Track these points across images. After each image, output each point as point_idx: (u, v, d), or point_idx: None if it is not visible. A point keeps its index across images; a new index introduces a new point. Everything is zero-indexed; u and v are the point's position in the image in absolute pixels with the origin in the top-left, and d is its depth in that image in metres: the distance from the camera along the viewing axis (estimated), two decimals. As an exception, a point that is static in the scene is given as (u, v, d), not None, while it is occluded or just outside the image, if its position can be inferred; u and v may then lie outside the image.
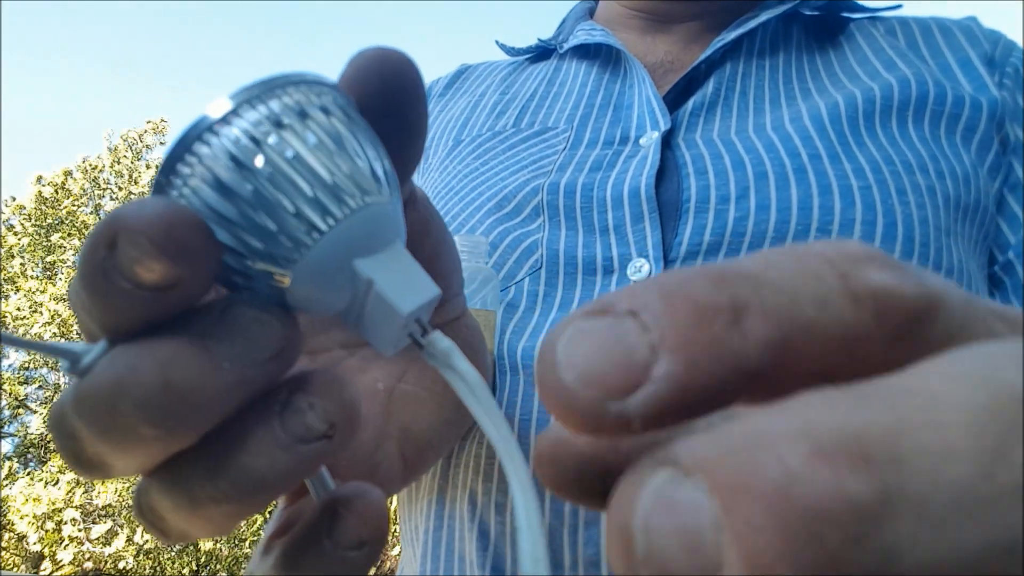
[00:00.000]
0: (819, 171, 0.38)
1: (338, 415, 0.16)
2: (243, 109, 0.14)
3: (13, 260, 9.18)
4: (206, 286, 0.15)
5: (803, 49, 0.48)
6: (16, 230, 9.42)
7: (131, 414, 0.13)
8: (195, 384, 0.13)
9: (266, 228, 0.14)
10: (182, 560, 7.55)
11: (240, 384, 0.14)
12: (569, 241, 0.41)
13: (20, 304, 8.64)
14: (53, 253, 9.38)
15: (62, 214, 9.60)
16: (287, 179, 0.14)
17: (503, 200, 0.43)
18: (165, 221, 0.13)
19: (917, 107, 0.42)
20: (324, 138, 0.15)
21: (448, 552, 0.38)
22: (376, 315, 0.16)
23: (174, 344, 0.14)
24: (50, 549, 7.26)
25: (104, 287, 0.14)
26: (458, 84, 0.58)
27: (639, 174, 0.41)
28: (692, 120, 0.45)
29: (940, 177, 0.40)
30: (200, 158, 0.14)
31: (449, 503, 0.39)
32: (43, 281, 8.95)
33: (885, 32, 0.49)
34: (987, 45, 0.46)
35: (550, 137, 0.47)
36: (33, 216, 9.51)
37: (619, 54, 0.50)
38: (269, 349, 0.15)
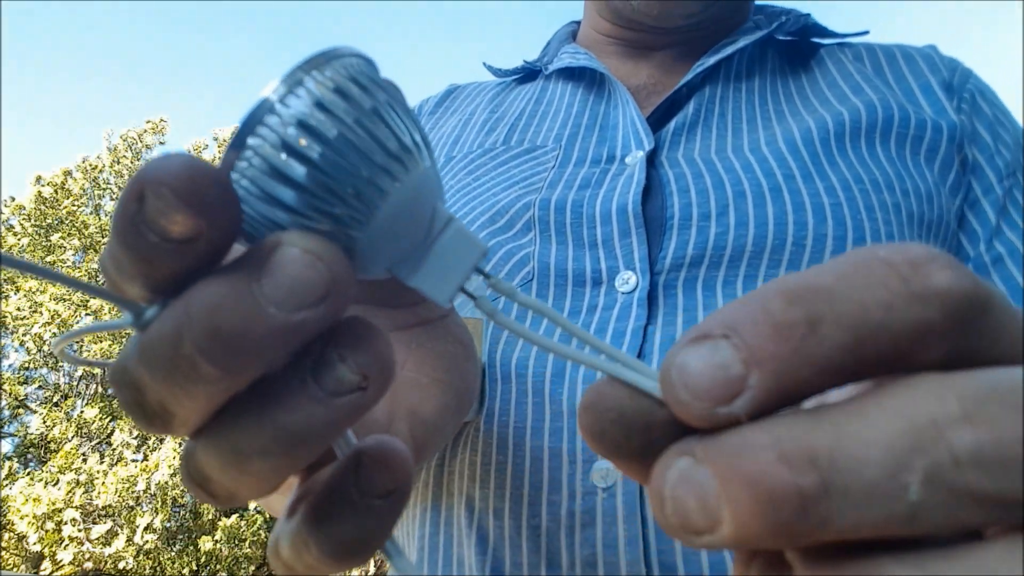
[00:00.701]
0: (793, 190, 0.41)
1: (371, 366, 0.16)
2: (305, 82, 0.15)
3: (13, 260, 9.18)
4: (230, 238, 0.15)
5: (777, 73, 0.52)
6: (16, 230, 9.43)
7: (191, 354, 0.14)
8: (242, 329, 0.14)
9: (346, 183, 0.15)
10: (182, 560, 7.56)
11: (287, 328, 0.14)
12: (560, 254, 0.42)
13: (20, 304, 8.65)
14: (53, 253, 9.40)
15: (62, 214, 9.61)
16: (363, 137, 0.15)
17: (496, 215, 0.45)
18: (187, 173, 0.13)
19: (884, 129, 0.45)
20: (382, 104, 0.16)
21: (446, 557, 0.39)
22: (442, 259, 0.16)
23: (223, 289, 0.14)
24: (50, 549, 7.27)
25: (135, 241, 0.14)
26: (447, 103, 0.60)
27: (626, 191, 0.43)
28: (674, 140, 0.47)
29: (905, 195, 0.42)
30: (270, 128, 0.15)
31: (445, 510, 0.40)
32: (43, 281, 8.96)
33: (853, 58, 0.52)
34: (946, 72, 0.50)
35: (539, 155, 0.49)
36: (33, 216, 9.53)
37: (603, 77, 0.52)
38: (316, 291, 0.14)
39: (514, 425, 0.39)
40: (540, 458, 0.38)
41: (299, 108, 0.15)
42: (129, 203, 0.14)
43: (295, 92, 0.15)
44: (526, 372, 0.40)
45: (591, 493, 0.36)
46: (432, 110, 0.60)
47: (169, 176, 0.13)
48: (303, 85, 0.15)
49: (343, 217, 0.15)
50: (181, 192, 0.13)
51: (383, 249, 0.16)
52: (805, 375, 0.12)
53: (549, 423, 0.38)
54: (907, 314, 0.12)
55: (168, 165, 0.14)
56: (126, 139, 10.58)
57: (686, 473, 0.12)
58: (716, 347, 0.12)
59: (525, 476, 0.37)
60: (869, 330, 0.12)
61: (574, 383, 0.39)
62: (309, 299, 0.14)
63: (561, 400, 0.39)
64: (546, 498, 0.37)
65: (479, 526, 0.39)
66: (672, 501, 0.12)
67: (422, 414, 0.27)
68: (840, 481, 0.11)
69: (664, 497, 0.12)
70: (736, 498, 0.11)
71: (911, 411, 0.11)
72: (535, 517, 0.37)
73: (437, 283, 0.17)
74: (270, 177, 0.15)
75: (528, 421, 0.39)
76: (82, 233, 9.56)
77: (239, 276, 0.14)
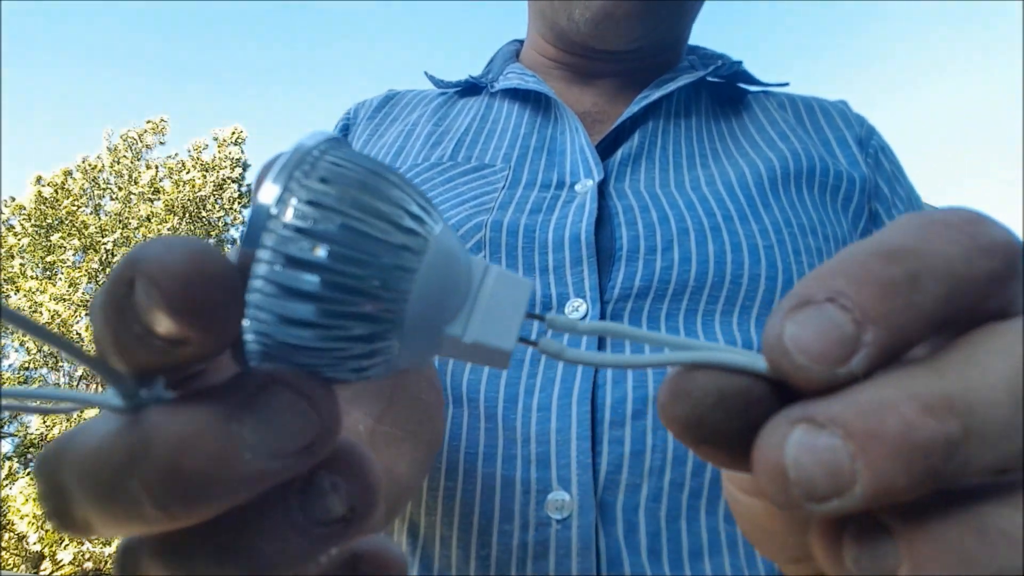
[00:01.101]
0: (731, 231, 0.44)
1: (360, 498, 0.15)
2: (293, 187, 0.13)
3: (13, 260, 9.21)
4: (222, 347, 0.13)
5: (711, 114, 0.55)
6: (16, 230, 9.44)
7: (136, 492, 0.12)
8: (208, 472, 0.12)
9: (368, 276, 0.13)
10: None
11: (260, 477, 0.13)
12: None
13: (20, 304, 8.66)
14: (53, 253, 9.41)
15: (62, 214, 9.62)
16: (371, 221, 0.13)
17: None
18: (183, 275, 0.12)
19: (808, 177, 0.49)
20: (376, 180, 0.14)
21: None
22: (493, 307, 0.16)
23: (194, 421, 0.13)
24: (50, 549, 7.28)
25: (119, 325, 0.13)
26: (387, 109, 0.60)
27: (579, 220, 0.44)
28: (621, 170, 0.49)
29: (826, 240, 0.46)
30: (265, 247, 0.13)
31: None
32: (43, 281, 8.98)
33: (777, 106, 0.56)
34: (857, 127, 0.55)
35: (488, 174, 0.49)
36: (33, 216, 9.53)
37: (551, 101, 0.53)
38: (300, 440, 0.13)
39: (465, 451, 0.38)
40: (492, 486, 0.37)
41: (291, 216, 0.13)
42: (118, 285, 0.12)
43: (282, 201, 0.13)
44: (478, 396, 0.39)
45: (545, 524, 0.36)
46: (371, 115, 0.59)
47: (163, 275, 0.12)
48: (286, 191, 0.13)
49: (376, 315, 0.14)
50: (172, 297, 0.12)
51: (430, 326, 0.15)
52: (912, 328, 0.12)
53: (503, 450, 0.38)
54: (981, 265, 0.12)
55: (166, 259, 0.12)
56: (126, 139, 10.58)
57: (807, 440, 0.12)
58: (823, 310, 0.12)
59: (476, 504, 0.37)
60: (957, 282, 0.12)
61: (528, 409, 0.39)
62: (292, 448, 0.13)
63: (515, 427, 0.38)
64: (497, 528, 0.36)
65: (423, 554, 0.38)
66: (796, 471, 0.12)
67: (396, 473, 0.27)
68: (978, 423, 0.11)
69: (786, 469, 0.12)
70: (879, 454, 0.11)
71: (1014, 350, 0.12)
72: (485, 547, 0.36)
73: (496, 331, 0.16)
74: (283, 299, 0.13)
75: (480, 447, 0.38)
76: (82, 233, 9.57)
77: (218, 410, 0.13)
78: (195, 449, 0.12)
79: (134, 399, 0.13)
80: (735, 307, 0.42)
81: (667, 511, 0.37)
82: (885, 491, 0.11)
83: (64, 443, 0.14)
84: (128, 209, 9.99)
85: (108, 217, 9.87)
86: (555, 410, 0.38)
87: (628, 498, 0.37)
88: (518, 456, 0.38)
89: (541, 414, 0.38)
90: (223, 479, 0.12)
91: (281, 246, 0.13)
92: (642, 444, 0.38)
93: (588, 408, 0.38)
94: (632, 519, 0.36)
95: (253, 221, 0.13)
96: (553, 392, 0.39)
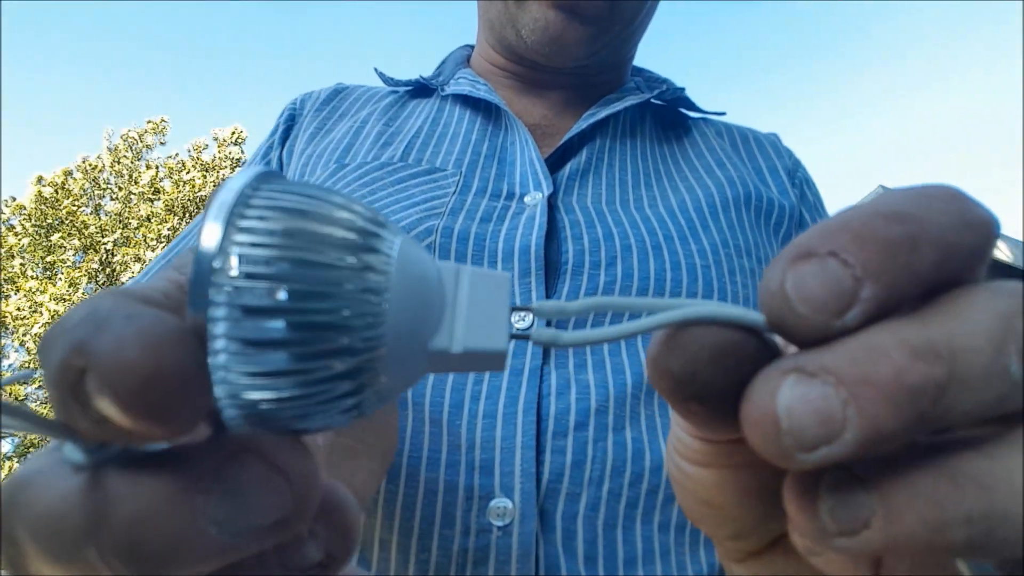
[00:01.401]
0: (672, 250, 0.46)
1: (337, 545, 0.14)
2: (231, 234, 0.12)
3: (13, 260, 9.22)
4: (188, 433, 0.12)
5: (654, 136, 0.58)
6: (16, 230, 9.45)
7: (94, 560, 0.12)
8: (168, 546, 0.12)
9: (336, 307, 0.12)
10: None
11: (226, 551, 0.12)
12: None
13: (20, 304, 8.67)
14: (53, 253, 9.41)
15: (62, 214, 9.63)
16: (323, 249, 0.12)
17: None
18: (140, 375, 0.11)
19: (744, 203, 0.52)
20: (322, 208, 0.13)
21: None
22: (476, 310, 0.15)
23: (158, 491, 0.12)
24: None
25: (73, 407, 0.12)
26: (335, 103, 0.59)
27: (529, 232, 0.45)
28: (569, 185, 0.50)
29: (759, 262, 0.49)
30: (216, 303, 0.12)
31: None
32: (43, 281, 8.98)
33: (715, 134, 0.60)
34: (786, 159, 0.58)
35: (439, 178, 0.49)
36: (33, 216, 9.54)
37: (501, 110, 0.54)
38: (271, 516, 0.12)
39: (409, 455, 0.39)
40: (435, 491, 0.38)
41: (236, 264, 0.12)
42: (68, 371, 0.11)
43: (223, 251, 0.12)
44: (423, 401, 0.40)
45: (486, 531, 0.36)
46: (318, 108, 0.59)
47: (117, 375, 0.11)
48: (225, 240, 0.12)
49: (354, 346, 0.12)
50: (129, 399, 0.11)
51: (413, 345, 0.14)
52: (905, 289, 0.13)
53: (446, 455, 0.38)
54: (968, 238, 0.13)
55: (119, 356, 0.11)
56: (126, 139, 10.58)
57: (799, 389, 0.12)
58: (825, 263, 0.12)
59: (417, 508, 0.37)
60: (950, 250, 0.13)
61: (473, 415, 0.39)
62: (262, 524, 0.12)
63: (460, 433, 0.39)
64: (438, 532, 0.37)
65: (361, 557, 0.39)
66: (788, 420, 0.12)
67: (354, 485, 0.27)
68: (961, 368, 0.12)
69: (778, 418, 0.12)
70: (871, 398, 0.11)
71: (993, 306, 0.12)
72: (424, 551, 0.37)
73: (485, 334, 0.15)
74: (250, 354, 0.12)
75: (424, 452, 0.39)
76: (82, 233, 9.57)
77: (185, 482, 0.12)
78: (156, 523, 0.11)
79: (94, 455, 0.12)
80: None
81: (604, 520, 0.37)
82: (875, 436, 0.11)
83: (16, 494, 0.13)
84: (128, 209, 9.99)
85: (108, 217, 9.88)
86: (501, 418, 0.39)
87: (568, 506, 0.37)
88: (462, 462, 0.38)
89: (487, 421, 0.39)
90: (185, 554, 0.12)
91: (235, 299, 0.12)
92: (583, 455, 0.38)
93: (534, 418, 0.38)
94: (571, 527, 0.37)
95: (197, 279, 0.12)
96: (499, 400, 0.39)
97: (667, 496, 0.39)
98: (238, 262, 0.12)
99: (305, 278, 0.12)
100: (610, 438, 0.39)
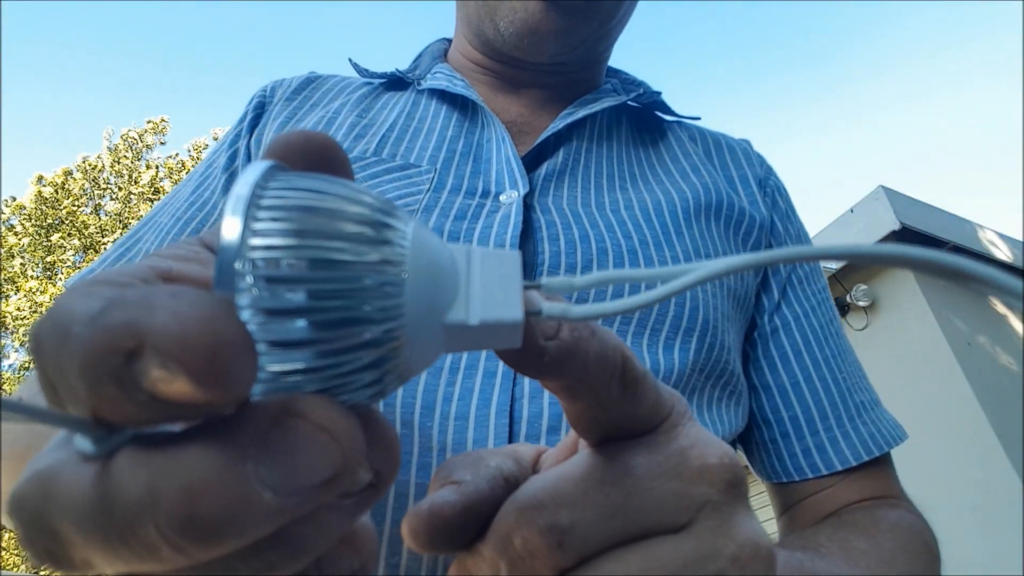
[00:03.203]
0: (647, 256, 0.46)
1: (384, 463, 0.14)
2: (255, 214, 0.13)
3: (13, 260, 9.22)
4: (239, 402, 0.12)
5: (630, 139, 0.57)
6: (16, 230, 9.46)
7: (153, 538, 0.12)
8: (227, 516, 0.12)
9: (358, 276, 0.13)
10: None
11: (282, 513, 0.12)
12: None
13: (20, 304, 8.67)
14: (53, 253, 9.42)
15: (62, 214, 9.63)
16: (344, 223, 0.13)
17: None
18: (208, 346, 0.11)
19: (716, 210, 0.52)
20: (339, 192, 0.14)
21: None
22: (489, 286, 0.15)
23: (208, 462, 0.12)
24: (49, 548, 7.28)
25: (114, 393, 0.12)
26: (307, 92, 0.58)
27: (503, 232, 0.44)
28: (544, 185, 0.50)
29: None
30: (244, 275, 0.12)
31: None
32: (43, 281, 8.99)
33: (689, 138, 0.60)
34: (758, 168, 0.58)
35: (413, 175, 0.49)
36: (33, 216, 9.55)
37: (477, 106, 0.53)
38: (322, 474, 0.12)
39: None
40: (405, 493, 0.37)
41: (262, 237, 0.12)
42: (112, 355, 0.11)
43: (247, 228, 0.12)
44: (394, 402, 0.39)
45: None
46: (290, 96, 0.57)
47: (183, 351, 0.11)
48: (249, 219, 0.12)
49: (375, 316, 0.13)
50: (197, 372, 0.11)
51: (432, 326, 0.14)
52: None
53: (417, 457, 0.38)
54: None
55: (181, 332, 0.11)
56: (126, 139, 10.58)
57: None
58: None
59: (387, 512, 0.37)
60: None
61: (445, 417, 0.39)
62: (314, 483, 0.12)
63: (431, 435, 0.38)
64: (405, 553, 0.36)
65: None
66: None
67: None
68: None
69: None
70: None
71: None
72: (395, 555, 0.36)
73: (500, 306, 0.15)
74: (270, 326, 0.12)
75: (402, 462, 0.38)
76: (82, 233, 9.58)
77: (232, 450, 0.12)
78: (211, 494, 0.11)
79: (104, 444, 0.12)
80: (646, 329, 0.43)
81: None
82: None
83: (45, 485, 0.13)
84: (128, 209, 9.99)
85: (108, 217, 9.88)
86: (473, 420, 0.38)
87: None
88: (433, 464, 0.38)
89: (459, 423, 0.38)
90: (243, 520, 0.12)
91: (257, 302, 0.12)
92: None
93: (507, 421, 0.38)
94: None
95: (222, 262, 0.12)
96: (471, 402, 0.39)
97: None
98: (259, 238, 0.12)
99: (324, 250, 0.12)
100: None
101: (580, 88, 0.58)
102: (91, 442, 0.12)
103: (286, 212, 0.13)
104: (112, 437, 0.12)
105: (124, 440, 0.12)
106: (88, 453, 0.13)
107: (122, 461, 0.12)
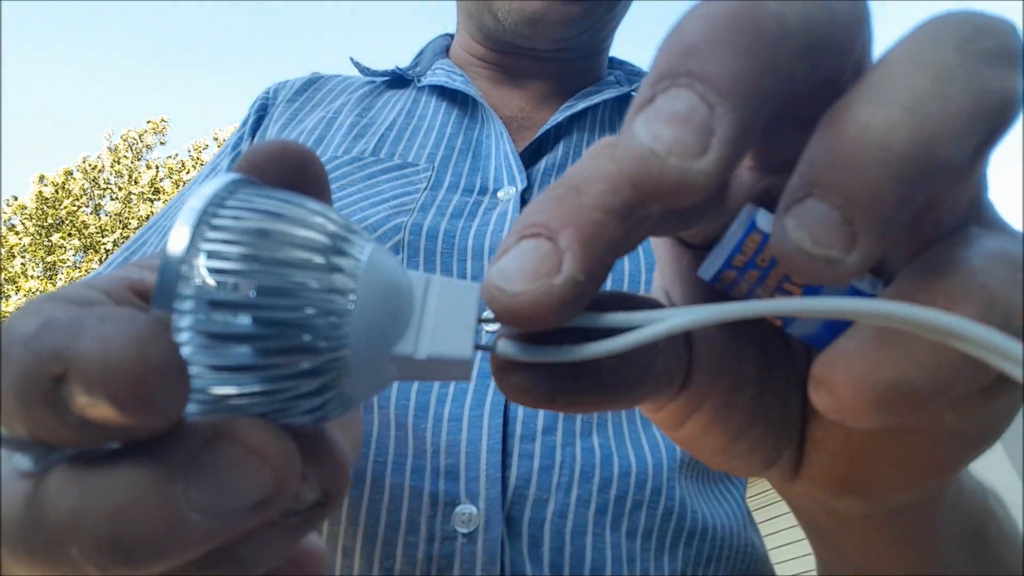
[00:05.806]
0: (647, 251, 0.45)
1: (332, 482, 0.14)
2: (202, 230, 0.12)
3: (13, 260, 9.22)
4: (173, 424, 0.12)
5: None
6: (17, 230, 9.46)
7: (76, 558, 0.11)
8: (153, 537, 0.11)
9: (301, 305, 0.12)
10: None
11: (210, 536, 0.12)
12: None
13: (20, 304, 8.66)
14: (53, 253, 9.42)
15: (62, 214, 9.64)
16: (291, 248, 0.13)
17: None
18: (133, 372, 0.11)
19: None
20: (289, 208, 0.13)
21: None
22: (443, 317, 0.15)
23: (136, 482, 0.12)
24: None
25: (46, 416, 0.11)
26: (309, 93, 0.58)
27: (500, 229, 0.44)
28: (544, 179, 0.49)
29: None
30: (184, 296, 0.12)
31: None
32: (43, 281, 8.99)
33: None
34: None
35: (411, 174, 0.49)
36: (34, 216, 9.55)
37: (477, 103, 0.53)
38: (253, 497, 0.12)
39: (374, 459, 0.38)
40: (400, 496, 0.37)
41: (206, 258, 0.12)
42: (40, 379, 0.11)
43: (194, 246, 0.12)
44: (388, 404, 0.39)
45: (451, 538, 0.36)
46: (291, 98, 0.58)
47: (107, 377, 0.11)
48: (195, 237, 0.12)
49: (318, 345, 0.13)
50: (122, 399, 0.11)
51: (378, 352, 0.14)
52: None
53: (412, 460, 0.38)
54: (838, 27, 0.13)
55: (106, 358, 0.11)
56: (126, 139, 10.58)
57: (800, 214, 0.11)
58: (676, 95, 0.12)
59: (382, 515, 0.37)
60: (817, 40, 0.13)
61: (439, 419, 0.39)
62: (244, 505, 0.12)
63: (425, 436, 0.38)
64: (402, 539, 0.36)
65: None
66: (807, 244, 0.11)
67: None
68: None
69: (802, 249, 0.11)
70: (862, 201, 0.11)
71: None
72: (389, 559, 0.36)
73: (450, 342, 0.15)
74: (211, 349, 0.12)
75: (390, 456, 0.38)
76: (82, 233, 9.58)
77: (161, 471, 0.12)
78: (137, 514, 0.11)
79: (42, 462, 0.12)
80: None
81: (572, 527, 0.37)
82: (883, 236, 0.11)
83: None
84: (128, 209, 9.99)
85: (108, 217, 9.89)
86: (466, 421, 0.38)
87: (535, 512, 0.37)
88: (427, 467, 0.38)
89: (452, 424, 0.38)
90: (170, 542, 0.11)
91: (201, 293, 0.12)
92: (551, 459, 0.38)
93: (500, 421, 0.38)
94: (537, 533, 0.37)
95: (165, 274, 0.12)
96: (465, 403, 0.39)
97: (635, 502, 0.39)
98: (206, 258, 0.12)
99: (271, 275, 0.12)
100: (578, 443, 0.39)
101: (582, 79, 0.57)
102: (30, 460, 0.12)
103: (236, 235, 0.12)
104: (50, 455, 0.12)
105: (63, 458, 0.12)
106: (25, 471, 0.12)
107: (54, 480, 0.12)
